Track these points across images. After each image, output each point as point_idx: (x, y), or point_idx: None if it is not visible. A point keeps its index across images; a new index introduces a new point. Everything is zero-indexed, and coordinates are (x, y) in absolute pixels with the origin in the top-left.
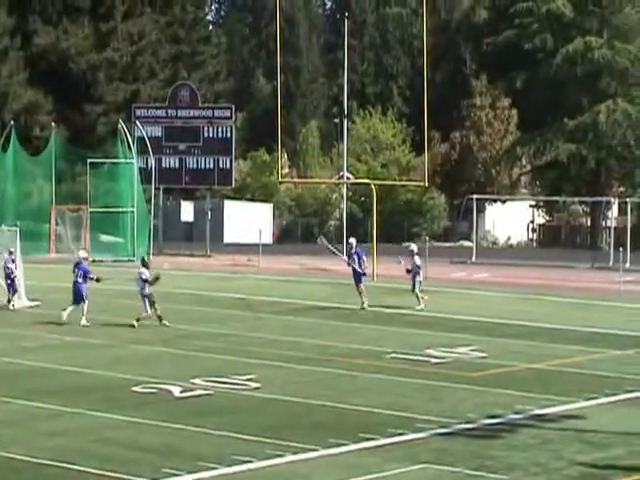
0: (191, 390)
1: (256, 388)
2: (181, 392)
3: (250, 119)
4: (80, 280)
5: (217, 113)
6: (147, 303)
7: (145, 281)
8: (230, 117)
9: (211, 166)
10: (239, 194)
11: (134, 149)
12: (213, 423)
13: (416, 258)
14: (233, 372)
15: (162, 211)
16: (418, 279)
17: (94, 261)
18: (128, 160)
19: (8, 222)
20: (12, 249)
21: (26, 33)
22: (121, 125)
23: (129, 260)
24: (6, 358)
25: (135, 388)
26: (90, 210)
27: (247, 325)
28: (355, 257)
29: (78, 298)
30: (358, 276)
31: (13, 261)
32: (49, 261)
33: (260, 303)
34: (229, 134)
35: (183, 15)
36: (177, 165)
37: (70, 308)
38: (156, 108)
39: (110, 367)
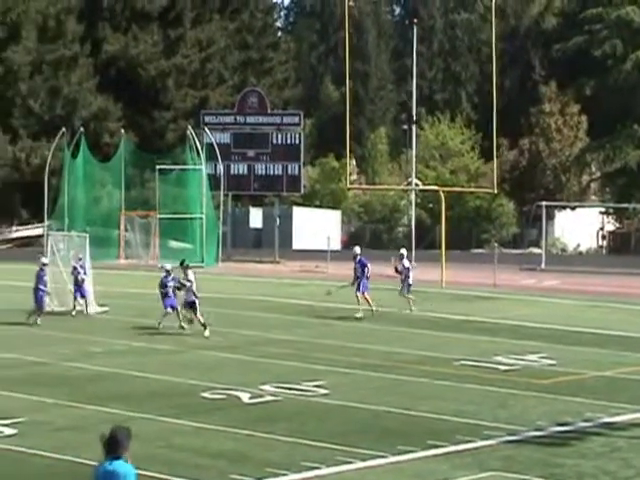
0: (260, 396)
1: (324, 394)
2: (250, 398)
3: (318, 125)
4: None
5: (286, 119)
6: (188, 308)
7: (178, 286)
8: (299, 123)
9: (280, 172)
10: (308, 200)
11: (203, 155)
12: (282, 429)
13: (405, 261)
14: (301, 378)
15: (231, 217)
16: (407, 282)
17: (162, 267)
18: (197, 166)
19: (78, 228)
20: (81, 255)
21: (96, 40)
22: (190, 131)
23: (198, 266)
24: (75, 363)
25: (204, 394)
26: (159, 216)
27: (315, 331)
28: (359, 266)
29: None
30: (361, 284)
31: (82, 267)
32: (118, 267)
33: (328, 310)
34: (298, 140)
35: (252, 21)
36: (246, 171)
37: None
38: (225, 114)
39: (179, 373)
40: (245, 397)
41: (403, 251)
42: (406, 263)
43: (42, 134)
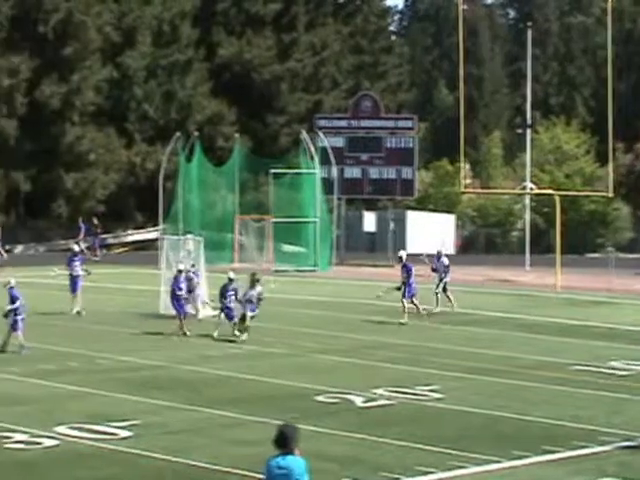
0: (373, 400)
1: (438, 399)
2: (363, 402)
3: (432, 129)
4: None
5: (399, 123)
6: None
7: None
8: (412, 127)
9: (393, 176)
10: (421, 204)
11: (316, 159)
12: (395, 433)
13: (444, 259)
14: (415, 382)
15: (344, 221)
16: (445, 280)
17: (277, 271)
18: (310, 170)
19: (193, 232)
20: (194, 262)
21: (210, 44)
22: (304, 136)
23: (312, 270)
24: (190, 366)
25: (318, 398)
26: (273, 220)
27: (428, 335)
28: (404, 271)
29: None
30: (406, 290)
31: (195, 273)
32: (233, 271)
33: (441, 314)
34: (411, 144)
35: (366, 25)
36: (359, 175)
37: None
38: (339, 118)
39: (293, 376)
40: (358, 401)
41: (441, 249)
42: (445, 261)
43: (157, 138)
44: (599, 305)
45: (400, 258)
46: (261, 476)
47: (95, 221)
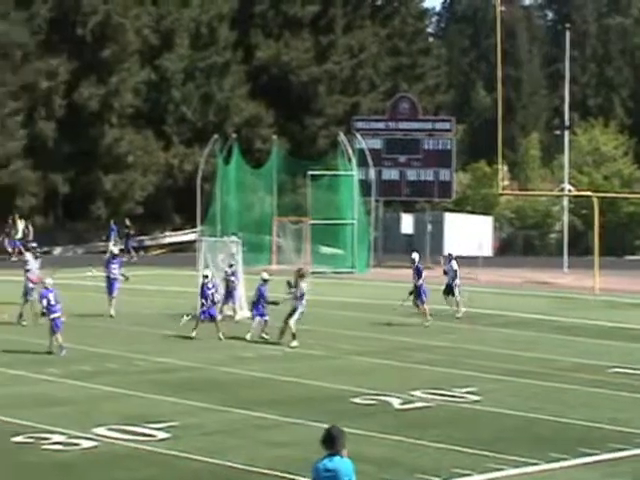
0: (410, 402)
1: (476, 401)
2: (400, 404)
3: (470, 131)
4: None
5: (437, 125)
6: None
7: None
8: (450, 129)
9: (431, 178)
10: (459, 206)
11: (354, 161)
12: (432, 435)
13: (453, 263)
14: (452, 384)
15: (382, 223)
16: (455, 284)
17: (314, 273)
18: (348, 172)
19: (231, 233)
20: (233, 262)
21: (248, 47)
22: (341, 138)
23: (349, 272)
24: (226, 368)
25: (355, 399)
26: (311, 222)
27: (466, 337)
28: (415, 274)
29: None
30: (421, 293)
31: (233, 274)
32: (271, 272)
33: (479, 316)
34: (449, 146)
35: (403, 27)
36: (397, 177)
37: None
38: (376, 120)
39: (330, 378)
40: (396, 403)
41: (452, 253)
42: (454, 265)
43: (195, 141)
44: (638, 307)
45: (413, 260)
46: (296, 477)
47: (128, 223)
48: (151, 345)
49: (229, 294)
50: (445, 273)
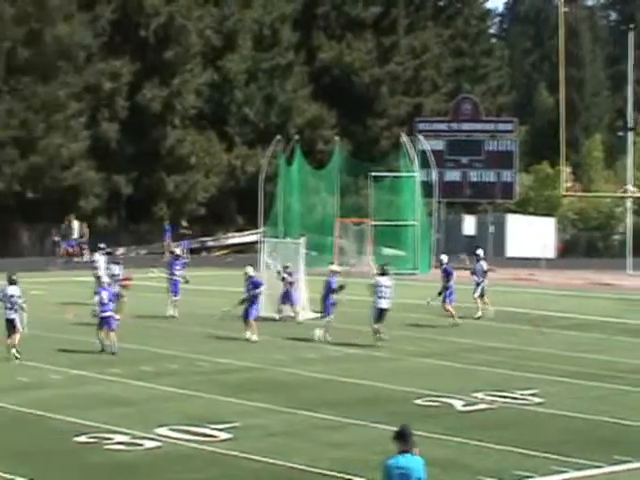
0: (473, 404)
1: (539, 403)
2: (463, 406)
3: (532, 132)
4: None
5: (500, 126)
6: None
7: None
8: (513, 130)
9: (493, 179)
10: (521, 207)
11: (416, 162)
12: (495, 437)
13: (482, 263)
14: (515, 386)
15: (444, 224)
16: (482, 285)
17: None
18: (410, 173)
19: (293, 235)
20: (289, 264)
21: (310, 48)
22: (404, 139)
23: (411, 273)
24: (288, 369)
25: (417, 401)
26: (373, 223)
27: (529, 339)
28: (444, 275)
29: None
30: (448, 294)
31: (289, 274)
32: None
33: (542, 318)
34: (512, 147)
35: (466, 28)
36: (459, 178)
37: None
38: (439, 122)
39: (392, 380)
40: (458, 404)
41: (479, 252)
42: (484, 265)
43: (257, 142)
44: None
45: (441, 262)
46: (355, 479)
47: (184, 224)
48: (213, 346)
49: (286, 295)
50: (473, 273)
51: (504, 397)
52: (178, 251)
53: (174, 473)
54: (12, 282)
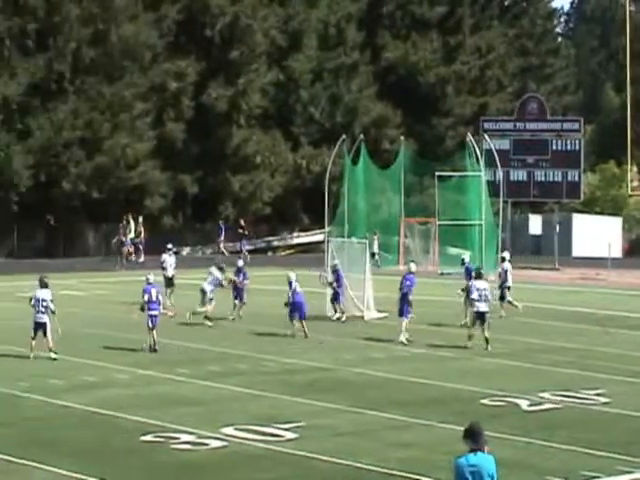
0: (539, 404)
1: (605, 403)
2: (529, 405)
3: (599, 131)
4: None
5: (566, 126)
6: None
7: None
8: (579, 130)
9: (559, 179)
10: (587, 207)
11: (482, 162)
12: (561, 437)
13: (506, 264)
14: (581, 386)
15: (510, 224)
16: (505, 285)
17: (442, 274)
18: (476, 173)
19: (359, 234)
20: (336, 262)
21: (375, 47)
22: (469, 138)
23: None
24: (356, 369)
25: (483, 401)
26: (438, 223)
27: (595, 339)
28: (466, 274)
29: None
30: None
31: (337, 272)
32: (399, 273)
33: (609, 318)
34: (578, 147)
35: (532, 27)
36: (525, 178)
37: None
38: (504, 121)
39: (458, 379)
40: (524, 404)
41: (505, 254)
42: (506, 266)
43: (322, 141)
44: None
45: (462, 261)
46: (423, 479)
47: (242, 223)
48: (279, 345)
49: (336, 294)
50: (500, 276)
51: (570, 397)
52: (240, 263)
53: (241, 473)
54: (44, 285)
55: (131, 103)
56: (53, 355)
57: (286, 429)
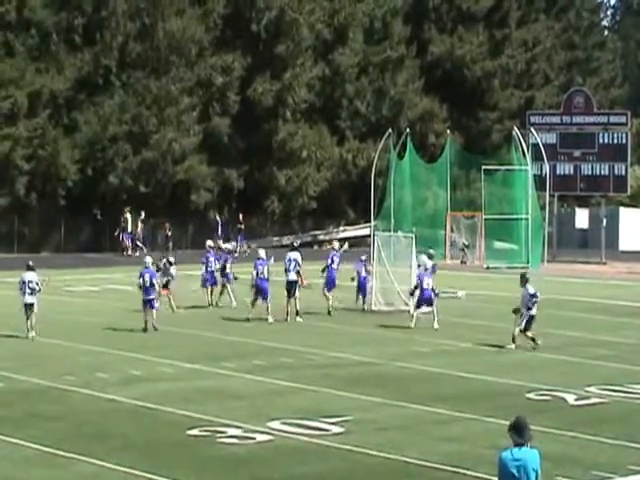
0: (586, 398)
1: None
2: (575, 400)
3: None
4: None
5: (612, 119)
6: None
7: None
8: (625, 123)
9: (606, 173)
10: (634, 201)
11: (528, 156)
12: (608, 432)
13: (529, 287)
14: (627, 381)
15: (556, 218)
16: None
17: (488, 268)
18: (522, 167)
19: (405, 228)
20: (363, 257)
21: (421, 41)
22: (516, 132)
23: (523, 267)
24: (400, 362)
25: (529, 395)
26: (484, 217)
27: None
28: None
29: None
30: None
31: (365, 264)
32: (445, 267)
33: None
34: (624, 140)
35: (578, 21)
36: (572, 172)
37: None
38: (551, 115)
39: (504, 374)
40: (571, 399)
41: (526, 272)
42: (531, 289)
43: (368, 135)
44: None
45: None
46: (468, 472)
47: (240, 218)
48: (324, 339)
49: (361, 287)
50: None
51: (617, 391)
52: (262, 253)
53: (287, 467)
54: (30, 268)
55: (177, 98)
56: (32, 334)
57: (332, 423)
